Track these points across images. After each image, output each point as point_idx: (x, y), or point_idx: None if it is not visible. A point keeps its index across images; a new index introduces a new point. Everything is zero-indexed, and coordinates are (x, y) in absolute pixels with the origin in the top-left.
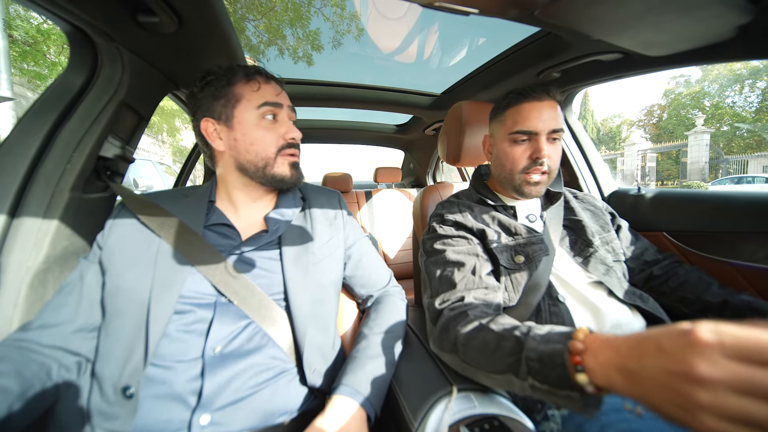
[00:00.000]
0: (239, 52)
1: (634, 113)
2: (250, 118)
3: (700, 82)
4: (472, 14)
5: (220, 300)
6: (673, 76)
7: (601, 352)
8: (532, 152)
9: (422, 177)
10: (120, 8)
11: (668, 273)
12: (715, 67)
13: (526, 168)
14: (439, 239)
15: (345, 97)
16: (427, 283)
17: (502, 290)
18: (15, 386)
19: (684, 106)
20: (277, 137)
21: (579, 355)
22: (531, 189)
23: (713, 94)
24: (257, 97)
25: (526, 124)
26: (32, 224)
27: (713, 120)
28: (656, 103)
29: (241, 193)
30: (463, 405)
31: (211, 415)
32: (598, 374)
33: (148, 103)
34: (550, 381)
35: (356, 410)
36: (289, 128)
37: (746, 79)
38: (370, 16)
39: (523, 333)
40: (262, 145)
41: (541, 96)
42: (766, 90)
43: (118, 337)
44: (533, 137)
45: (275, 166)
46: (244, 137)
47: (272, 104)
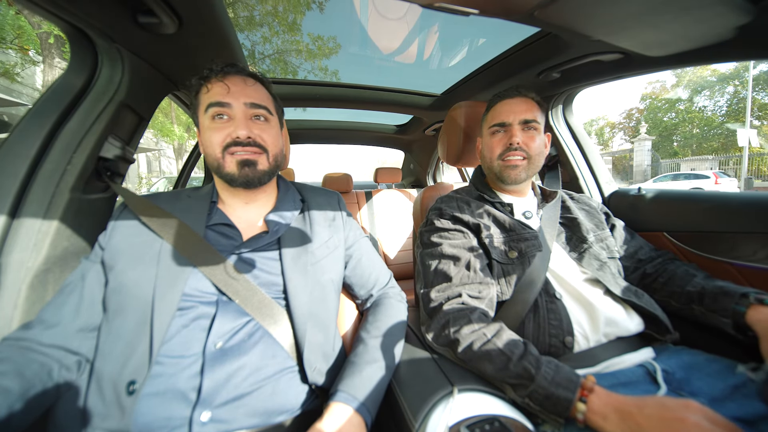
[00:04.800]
0: (239, 53)
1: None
2: (204, 121)
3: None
4: (472, 14)
5: (221, 298)
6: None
7: (605, 396)
8: (507, 139)
9: (422, 177)
10: (120, 9)
11: (659, 270)
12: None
13: (501, 154)
14: (436, 232)
15: (345, 98)
16: (421, 274)
17: (496, 284)
18: (16, 386)
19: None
20: (224, 136)
21: (588, 392)
22: (510, 173)
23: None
24: (206, 99)
25: (500, 118)
26: (32, 225)
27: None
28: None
29: (228, 194)
30: (464, 406)
31: (211, 412)
32: (596, 409)
33: (149, 104)
34: (545, 409)
35: (354, 417)
36: (237, 126)
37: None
38: (370, 16)
39: (532, 365)
40: (211, 146)
41: (513, 95)
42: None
43: (120, 335)
44: (507, 127)
45: (225, 166)
46: (203, 140)
47: (217, 104)
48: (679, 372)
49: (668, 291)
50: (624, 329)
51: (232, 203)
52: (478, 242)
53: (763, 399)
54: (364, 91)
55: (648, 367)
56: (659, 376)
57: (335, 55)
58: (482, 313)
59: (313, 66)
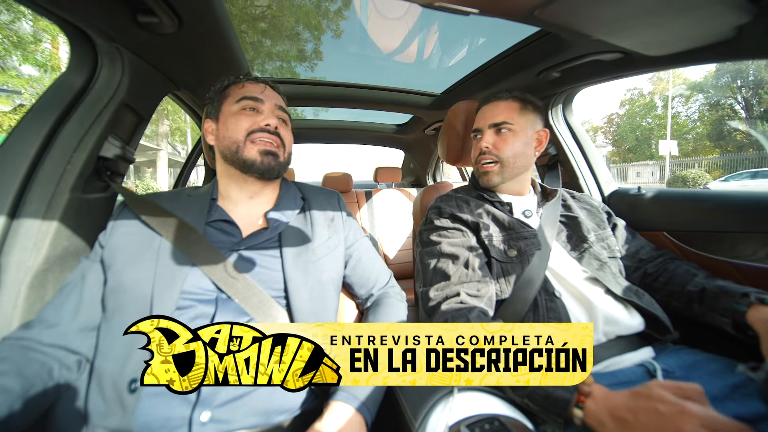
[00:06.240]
0: (239, 53)
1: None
2: (230, 109)
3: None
4: (472, 14)
5: (221, 296)
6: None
7: (602, 400)
8: (480, 145)
9: (422, 177)
10: (120, 8)
11: (660, 269)
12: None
13: (477, 159)
14: (435, 231)
15: (345, 97)
16: (420, 273)
17: (495, 283)
18: (16, 386)
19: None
20: (250, 123)
21: (584, 396)
22: (483, 177)
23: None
24: (240, 92)
25: (476, 124)
26: (32, 224)
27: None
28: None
29: (234, 186)
30: (464, 405)
31: (211, 412)
32: (593, 415)
33: (149, 104)
34: (545, 409)
35: (355, 416)
36: (267, 116)
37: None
38: (370, 16)
39: None
40: (234, 130)
41: (491, 99)
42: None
43: (120, 334)
44: (480, 132)
45: (244, 151)
46: (224, 126)
47: (251, 98)
48: (679, 371)
49: (669, 290)
50: (624, 328)
51: (237, 198)
52: (478, 241)
53: (763, 398)
54: (364, 90)
55: (648, 366)
56: (659, 376)
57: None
58: (481, 312)
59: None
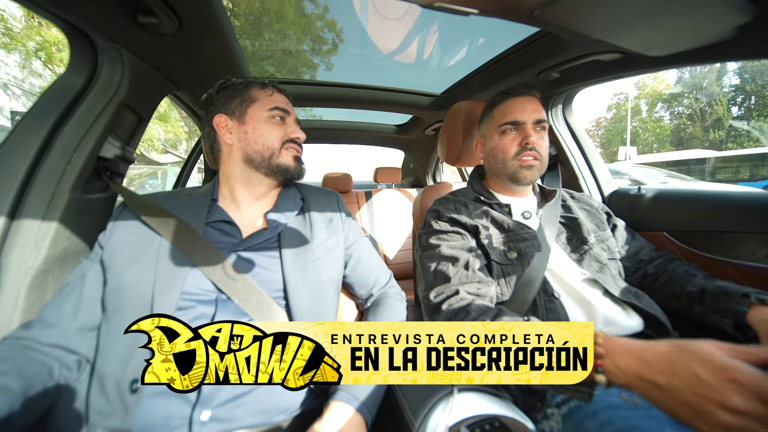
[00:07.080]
0: (239, 53)
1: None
2: (261, 116)
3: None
4: (472, 14)
5: (220, 297)
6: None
7: (621, 358)
8: (522, 139)
9: (422, 177)
10: (120, 9)
11: (660, 270)
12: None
13: (517, 154)
14: (434, 234)
15: (345, 98)
16: (421, 277)
17: (495, 285)
18: (16, 385)
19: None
20: (283, 133)
21: (600, 358)
22: (526, 173)
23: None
24: (270, 101)
25: (513, 116)
26: (32, 225)
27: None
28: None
29: (244, 188)
30: (464, 406)
31: (211, 411)
32: (618, 377)
33: (148, 104)
34: (564, 386)
35: (355, 416)
36: (295, 129)
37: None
38: (370, 16)
39: None
40: (270, 137)
41: (522, 93)
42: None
43: (120, 334)
44: (520, 126)
45: (280, 157)
46: (254, 130)
47: (282, 110)
48: None
49: (669, 291)
50: (622, 329)
51: (242, 199)
52: (477, 243)
53: None
54: (363, 90)
55: None
56: None
57: (335, 56)
58: (481, 304)
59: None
